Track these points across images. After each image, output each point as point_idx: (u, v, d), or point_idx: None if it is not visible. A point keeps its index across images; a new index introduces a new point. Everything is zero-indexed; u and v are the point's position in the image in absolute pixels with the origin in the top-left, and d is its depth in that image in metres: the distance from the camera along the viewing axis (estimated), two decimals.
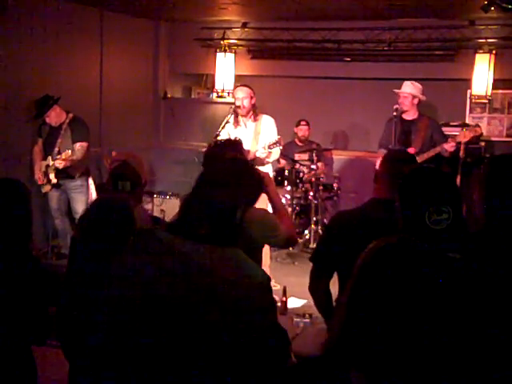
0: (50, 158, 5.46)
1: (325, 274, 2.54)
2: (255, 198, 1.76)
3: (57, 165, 5.37)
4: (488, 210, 1.95)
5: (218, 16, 6.90)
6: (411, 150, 5.30)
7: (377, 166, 4.06)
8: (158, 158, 7.65)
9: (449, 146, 5.17)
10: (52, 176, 5.46)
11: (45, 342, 2.38)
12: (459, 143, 5.40)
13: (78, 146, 5.47)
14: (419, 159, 5.24)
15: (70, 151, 5.31)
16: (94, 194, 5.75)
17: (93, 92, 6.66)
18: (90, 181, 5.80)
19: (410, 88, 5.44)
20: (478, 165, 5.78)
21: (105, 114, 6.77)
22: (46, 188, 5.55)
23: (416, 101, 5.43)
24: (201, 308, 1.55)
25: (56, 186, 5.54)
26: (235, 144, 2.76)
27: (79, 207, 5.54)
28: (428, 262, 1.40)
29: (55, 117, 5.46)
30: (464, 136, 5.31)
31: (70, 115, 5.55)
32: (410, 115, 5.45)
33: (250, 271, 1.62)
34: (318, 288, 2.56)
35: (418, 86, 5.48)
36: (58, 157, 5.34)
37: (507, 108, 6.95)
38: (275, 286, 3.93)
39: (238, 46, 7.43)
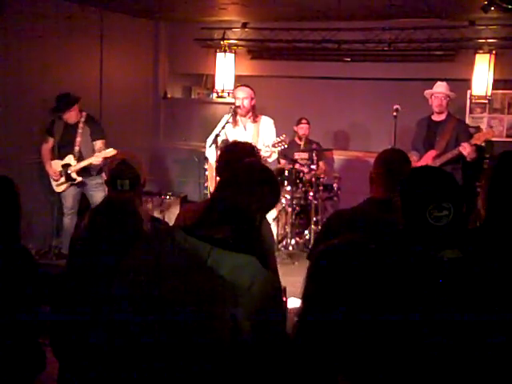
0: (70, 157, 5.48)
1: None
2: (273, 205, 1.76)
3: (95, 162, 5.41)
4: (490, 204, 1.95)
5: (217, 16, 6.90)
6: (432, 153, 5.25)
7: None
8: (158, 158, 7.65)
9: (462, 148, 5.07)
10: (74, 175, 5.50)
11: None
12: (475, 145, 5.32)
13: (99, 143, 5.56)
14: (439, 161, 5.19)
15: (112, 149, 5.32)
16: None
17: (93, 92, 6.66)
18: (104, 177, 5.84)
19: (444, 88, 5.34)
20: (478, 165, 5.78)
21: (105, 114, 6.76)
22: (63, 187, 5.57)
23: (447, 101, 5.35)
24: (211, 313, 1.54)
25: (79, 185, 5.58)
26: (252, 148, 2.75)
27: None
28: (384, 261, 1.41)
29: (75, 116, 5.51)
30: (478, 138, 5.25)
31: (84, 113, 5.61)
32: (440, 116, 5.37)
33: (263, 280, 1.61)
34: None
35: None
36: (103, 153, 5.34)
37: (507, 108, 6.95)
38: None
39: (238, 46, 7.43)
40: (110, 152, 5.26)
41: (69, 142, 5.51)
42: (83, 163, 5.48)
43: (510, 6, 4.58)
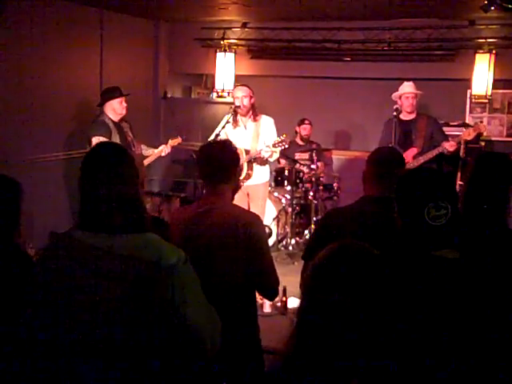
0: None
1: None
2: (136, 175, 1.85)
3: (164, 154, 5.53)
4: (466, 205, 1.97)
5: (217, 16, 6.90)
6: (414, 151, 5.27)
7: None
8: (157, 158, 7.63)
9: (449, 145, 5.14)
10: None
11: None
12: (460, 143, 5.36)
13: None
14: (422, 159, 5.22)
15: (179, 137, 5.45)
16: None
17: (93, 92, 6.65)
18: None
19: (412, 87, 5.39)
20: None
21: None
22: None
23: (416, 100, 5.41)
24: (133, 297, 1.60)
25: None
26: (230, 145, 2.75)
27: None
28: (382, 265, 1.41)
29: (125, 107, 5.46)
30: (468, 134, 5.28)
31: None
32: (410, 115, 5.41)
33: (167, 252, 1.69)
34: None
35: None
36: (170, 142, 5.45)
37: (507, 108, 6.96)
38: None
39: (238, 45, 7.44)
40: (176, 141, 5.27)
41: (123, 141, 5.40)
42: (154, 156, 5.47)
43: (510, 6, 4.58)
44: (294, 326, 1.42)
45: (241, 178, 4.63)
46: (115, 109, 5.39)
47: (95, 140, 5.28)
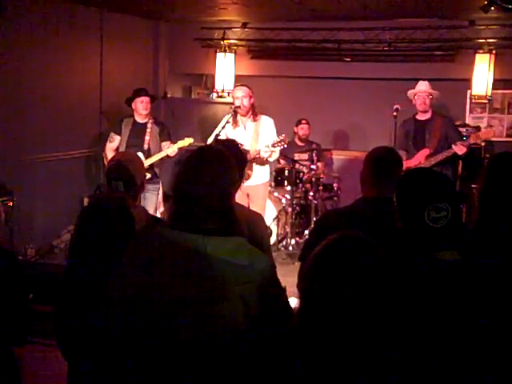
0: (140, 154, 5.25)
1: None
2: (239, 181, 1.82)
3: (171, 154, 5.48)
4: (483, 205, 1.96)
5: (217, 16, 6.90)
6: (426, 151, 5.24)
7: None
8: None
9: (458, 149, 5.09)
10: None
11: (25, 341, 2.37)
12: (473, 144, 5.33)
13: (168, 144, 5.57)
14: (433, 160, 5.19)
15: (189, 138, 5.41)
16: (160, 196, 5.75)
17: (93, 92, 6.66)
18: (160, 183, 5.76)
19: (426, 86, 5.36)
20: (478, 165, 5.76)
21: (105, 114, 6.77)
22: None
23: (430, 100, 5.36)
24: (223, 297, 1.58)
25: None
26: (234, 144, 2.76)
27: (150, 208, 5.40)
28: (377, 258, 1.42)
29: (148, 107, 5.56)
30: (477, 138, 5.25)
31: (152, 117, 5.70)
32: (425, 115, 5.37)
33: (258, 256, 1.69)
34: None
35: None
36: (179, 143, 5.41)
37: (507, 108, 6.96)
38: None
39: (237, 46, 7.44)
40: (187, 141, 5.24)
41: (138, 140, 5.50)
42: (160, 155, 5.46)
43: (510, 6, 4.57)
44: (295, 314, 1.43)
45: None
46: (136, 108, 5.60)
47: (110, 135, 5.65)
